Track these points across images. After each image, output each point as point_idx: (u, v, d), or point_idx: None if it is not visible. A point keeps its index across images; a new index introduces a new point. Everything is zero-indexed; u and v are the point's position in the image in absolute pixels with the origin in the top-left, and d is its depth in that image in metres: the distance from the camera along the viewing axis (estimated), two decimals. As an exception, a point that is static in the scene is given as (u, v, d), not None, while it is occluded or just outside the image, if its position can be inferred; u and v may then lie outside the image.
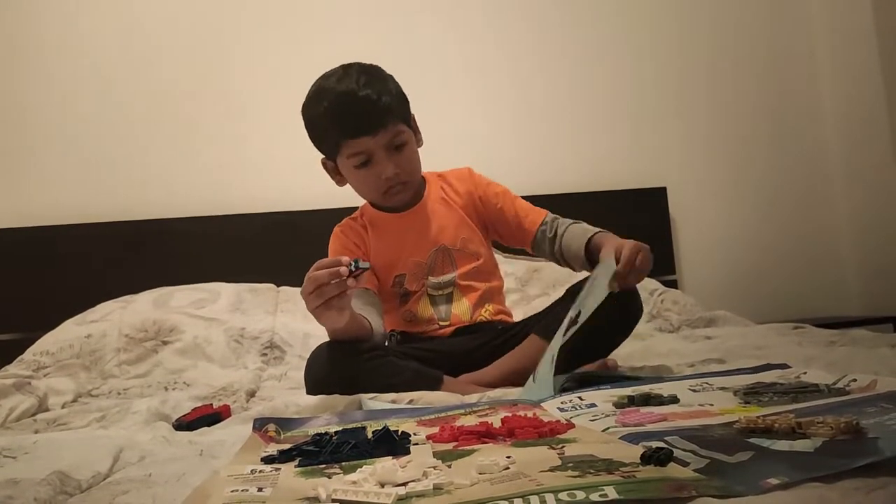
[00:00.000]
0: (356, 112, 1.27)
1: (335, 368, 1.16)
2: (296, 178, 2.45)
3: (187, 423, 1.04)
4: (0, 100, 2.37)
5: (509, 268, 2.10)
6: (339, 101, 1.28)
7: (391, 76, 1.36)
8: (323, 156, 1.41)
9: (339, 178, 1.41)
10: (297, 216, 2.39)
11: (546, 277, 2.19)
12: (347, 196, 2.44)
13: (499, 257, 1.58)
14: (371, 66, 1.34)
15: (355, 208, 1.53)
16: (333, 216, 2.38)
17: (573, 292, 1.23)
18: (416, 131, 1.40)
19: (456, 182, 1.47)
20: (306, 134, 1.38)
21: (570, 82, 2.71)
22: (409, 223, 1.41)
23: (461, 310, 1.38)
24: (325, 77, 1.33)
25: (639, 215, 2.61)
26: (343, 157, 1.33)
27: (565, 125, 2.69)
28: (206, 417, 1.07)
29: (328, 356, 1.19)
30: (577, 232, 1.36)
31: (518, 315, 1.55)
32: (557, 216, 1.43)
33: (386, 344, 1.42)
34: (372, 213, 1.45)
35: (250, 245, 2.36)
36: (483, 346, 1.30)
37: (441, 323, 1.37)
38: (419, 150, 1.41)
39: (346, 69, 1.31)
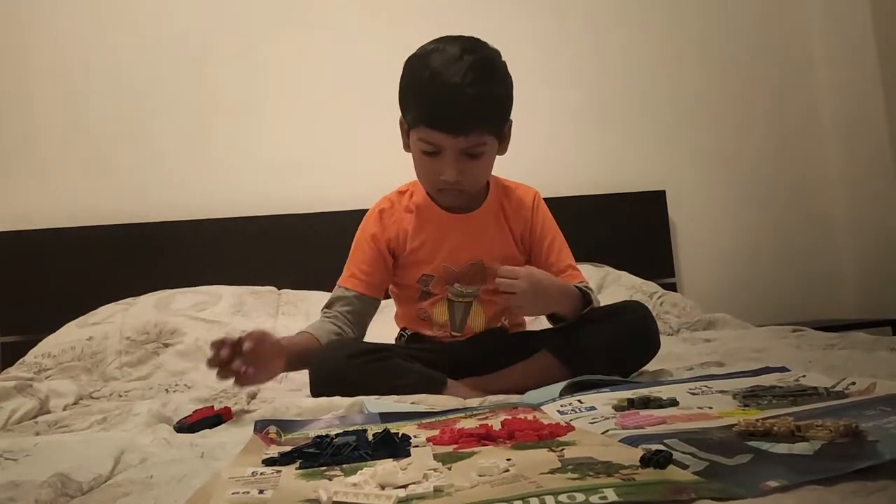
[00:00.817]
0: (447, 107, 1.18)
1: (340, 369, 1.15)
2: (298, 182, 2.46)
3: (189, 426, 1.04)
4: (3, 102, 2.38)
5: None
6: (436, 87, 1.17)
7: (505, 75, 1.25)
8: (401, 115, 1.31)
9: (407, 141, 1.31)
10: (299, 219, 2.40)
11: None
12: (349, 199, 2.44)
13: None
14: (489, 60, 1.22)
15: (357, 211, 1.51)
16: (335, 220, 2.41)
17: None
18: (505, 138, 1.31)
19: (518, 203, 1.39)
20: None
21: (569, 86, 2.71)
22: (455, 226, 1.34)
23: (476, 322, 1.35)
24: (440, 50, 1.20)
25: (638, 218, 2.62)
26: (415, 135, 1.25)
27: (565, 129, 2.69)
28: (207, 419, 1.07)
29: (333, 357, 1.19)
30: None
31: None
32: (590, 288, 1.32)
33: (394, 341, 1.42)
34: (422, 198, 1.37)
35: (252, 248, 2.36)
36: (490, 352, 1.29)
37: (454, 333, 1.35)
38: (501, 157, 1.32)
39: (463, 53, 1.18)
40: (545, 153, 2.64)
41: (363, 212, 1.45)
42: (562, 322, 1.24)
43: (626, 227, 2.59)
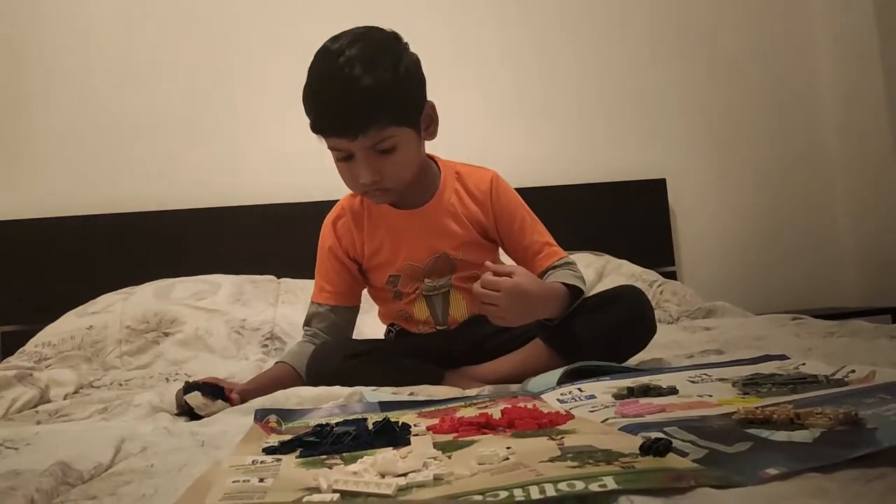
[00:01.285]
0: (334, 112, 1.13)
1: (339, 368, 1.15)
2: (296, 170, 2.45)
3: (194, 383, 1.07)
4: (3, 92, 2.37)
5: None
6: (321, 93, 1.14)
7: (402, 54, 1.17)
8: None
9: None
10: (298, 208, 2.39)
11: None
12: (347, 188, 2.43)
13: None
14: (373, 49, 1.13)
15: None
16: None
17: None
18: (430, 120, 1.24)
19: (474, 189, 1.31)
20: (308, 123, 1.26)
21: (570, 75, 2.70)
22: (409, 223, 1.28)
23: (458, 311, 1.30)
24: (325, 50, 1.15)
25: (638, 207, 2.62)
26: (325, 144, 1.20)
27: (565, 117, 2.68)
28: (210, 386, 1.07)
29: (331, 356, 1.18)
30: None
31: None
32: (571, 261, 1.29)
33: (385, 336, 1.42)
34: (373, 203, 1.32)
35: (251, 237, 2.36)
36: (480, 339, 1.28)
37: (438, 327, 1.31)
38: (430, 141, 1.26)
39: (346, 48, 1.12)
40: (545, 142, 2.64)
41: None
42: (548, 321, 1.19)
43: (627, 215, 2.59)
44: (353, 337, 1.38)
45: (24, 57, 2.39)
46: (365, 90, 1.10)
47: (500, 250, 1.38)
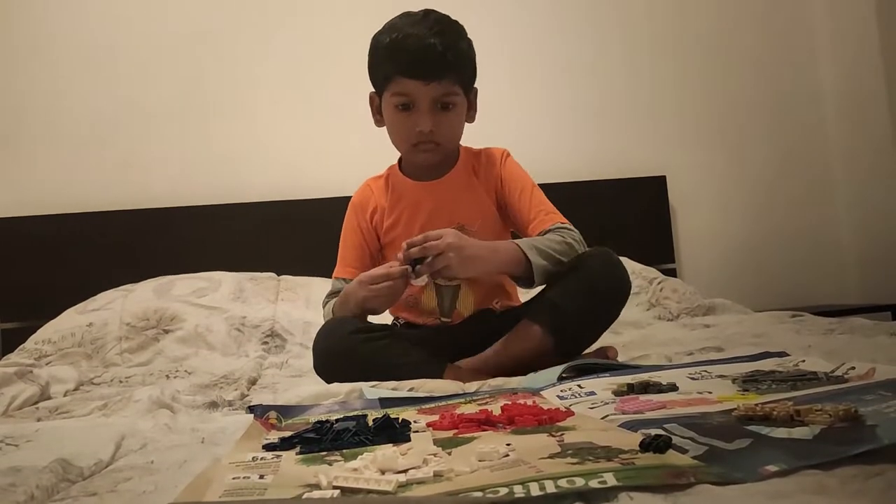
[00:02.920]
0: (417, 55, 1.25)
1: (343, 343, 1.17)
2: (297, 168, 2.46)
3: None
4: (2, 88, 2.36)
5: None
6: (404, 39, 1.26)
7: (470, 42, 1.33)
8: (373, 89, 1.37)
9: (378, 117, 1.37)
10: (298, 205, 2.39)
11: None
12: (348, 185, 2.44)
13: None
14: (453, 21, 1.31)
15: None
16: (334, 205, 2.38)
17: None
18: (472, 105, 1.37)
19: (487, 161, 1.41)
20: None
21: (570, 72, 2.70)
22: (428, 194, 1.37)
23: (465, 306, 1.35)
24: (404, 14, 1.31)
25: (638, 204, 2.62)
26: (389, 93, 1.30)
27: (564, 114, 2.68)
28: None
29: (337, 331, 1.20)
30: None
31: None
32: (567, 227, 1.31)
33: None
34: (396, 177, 1.41)
35: (251, 234, 2.36)
36: (482, 335, 1.28)
37: (443, 319, 1.35)
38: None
39: (427, 14, 1.29)
40: (547, 139, 2.64)
41: (362, 198, 1.45)
42: (528, 285, 1.23)
43: (627, 212, 2.58)
44: None
45: (21, 54, 2.39)
46: (449, 45, 1.25)
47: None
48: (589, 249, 1.28)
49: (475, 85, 1.37)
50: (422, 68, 1.25)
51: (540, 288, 1.26)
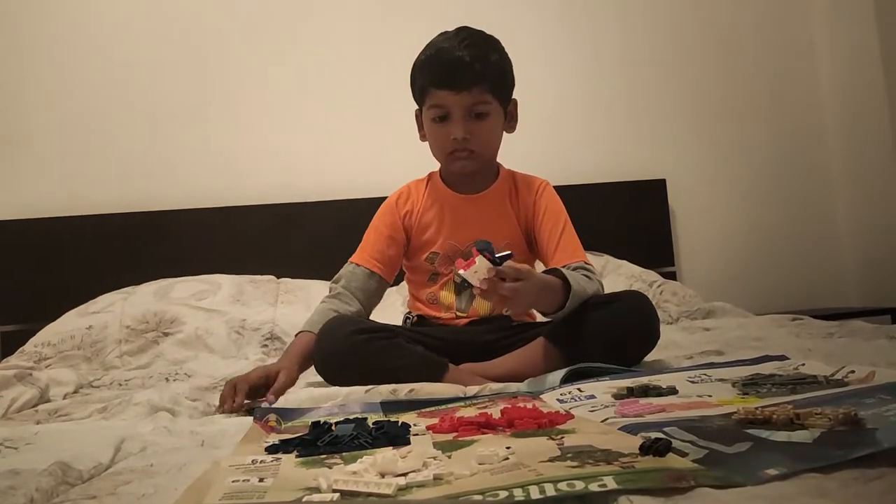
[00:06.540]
0: (447, 66, 1.32)
1: (344, 343, 1.17)
2: (297, 171, 2.46)
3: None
4: (3, 91, 2.37)
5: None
6: (436, 53, 1.34)
7: (503, 54, 1.38)
8: (416, 107, 1.43)
9: (422, 132, 1.42)
10: (298, 208, 2.39)
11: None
12: (348, 188, 2.44)
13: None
14: (486, 36, 1.37)
15: (357, 200, 1.52)
16: (334, 208, 2.41)
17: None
18: (510, 115, 1.41)
19: (525, 188, 1.44)
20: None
21: (571, 75, 2.70)
22: (463, 205, 1.42)
23: (482, 305, 1.37)
24: (441, 33, 1.38)
25: (638, 207, 2.62)
26: (426, 106, 1.36)
27: (565, 118, 2.68)
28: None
29: (337, 332, 1.20)
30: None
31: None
32: (587, 268, 1.31)
33: (401, 323, 1.43)
34: (435, 183, 1.46)
35: (251, 237, 2.36)
36: (493, 339, 1.30)
37: (459, 314, 1.38)
38: (507, 135, 1.42)
39: (460, 30, 1.36)
40: (547, 142, 2.63)
41: (363, 201, 1.46)
42: (553, 315, 1.21)
43: (627, 215, 2.59)
44: None
45: (27, 57, 2.39)
46: (477, 56, 1.31)
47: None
48: (628, 291, 1.31)
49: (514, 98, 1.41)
50: (451, 78, 1.31)
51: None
